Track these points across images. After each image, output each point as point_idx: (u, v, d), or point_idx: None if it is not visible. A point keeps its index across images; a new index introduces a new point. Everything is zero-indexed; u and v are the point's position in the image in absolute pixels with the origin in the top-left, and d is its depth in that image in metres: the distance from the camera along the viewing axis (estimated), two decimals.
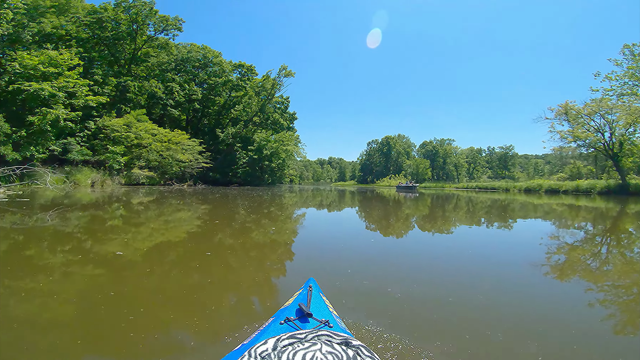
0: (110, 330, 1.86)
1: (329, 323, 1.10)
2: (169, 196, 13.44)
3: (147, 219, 6.79)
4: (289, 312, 1.21)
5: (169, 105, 30.50)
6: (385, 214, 9.74)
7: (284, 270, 3.29)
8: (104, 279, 2.82)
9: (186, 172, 26.56)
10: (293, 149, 35.23)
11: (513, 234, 6.38)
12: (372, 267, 3.54)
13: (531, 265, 3.56)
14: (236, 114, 35.53)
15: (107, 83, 23.05)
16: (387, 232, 6.21)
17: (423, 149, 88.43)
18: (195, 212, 8.28)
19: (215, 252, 3.89)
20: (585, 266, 3.69)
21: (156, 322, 1.99)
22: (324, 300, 1.39)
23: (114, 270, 3.07)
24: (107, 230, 5.25)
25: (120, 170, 19.97)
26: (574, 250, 4.55)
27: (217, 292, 2.62)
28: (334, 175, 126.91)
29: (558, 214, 10.38)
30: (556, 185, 24.96)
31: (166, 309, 2.20)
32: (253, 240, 4.72)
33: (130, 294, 2.48)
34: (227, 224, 6.39)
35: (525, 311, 2.32)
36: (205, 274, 3.01)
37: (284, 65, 33.13)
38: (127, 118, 21.91)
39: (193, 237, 4.94)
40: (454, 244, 5.25)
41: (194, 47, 36.14)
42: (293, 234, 5.72)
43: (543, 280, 3.08)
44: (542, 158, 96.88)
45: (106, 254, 3.62)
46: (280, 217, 8.09)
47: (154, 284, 2.72)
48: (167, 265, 3.33)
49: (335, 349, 0.80)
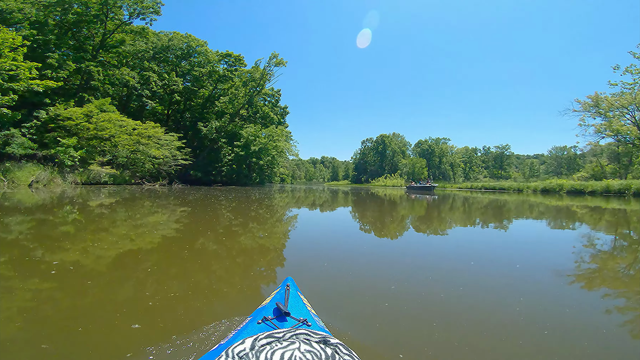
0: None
1: (307, 322, 1.08)
2: (130, 199, 10.48)
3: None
4: (267, 311, 1.19)
5: (144, 95, 27.27)
6: (430, 228, 7.00)
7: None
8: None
9: (162, 169, 23.44)
10: (284, 146, 32.07)
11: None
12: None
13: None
14: (221, 107, 32.34)
15: (64, 68, 19.76)
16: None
17: (418, 148, 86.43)
18: (154, 222, 5.43)
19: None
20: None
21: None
22: (301, 299, 1.38)
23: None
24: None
25: (75, 167, 16.77)
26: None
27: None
28: (326, 174, 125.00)
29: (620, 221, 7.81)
30: (580, 186, 22.39)
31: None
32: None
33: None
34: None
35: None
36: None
37: (275, 52, 30.04)
38: (87, 107, 18.71)
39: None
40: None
41: (177, 36, 32.78)
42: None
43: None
44: (537, 158, 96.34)
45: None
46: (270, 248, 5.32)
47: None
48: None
49: (313, 347, 0.79)
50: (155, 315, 1.88)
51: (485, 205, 12.72)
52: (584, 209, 11.11)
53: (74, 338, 1.61)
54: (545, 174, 74.56)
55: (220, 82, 33.46)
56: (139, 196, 11.68)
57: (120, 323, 1.76)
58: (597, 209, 10.95)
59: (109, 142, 19.03)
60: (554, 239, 5.35)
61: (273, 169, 33.34)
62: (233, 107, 32.36)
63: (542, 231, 6.13)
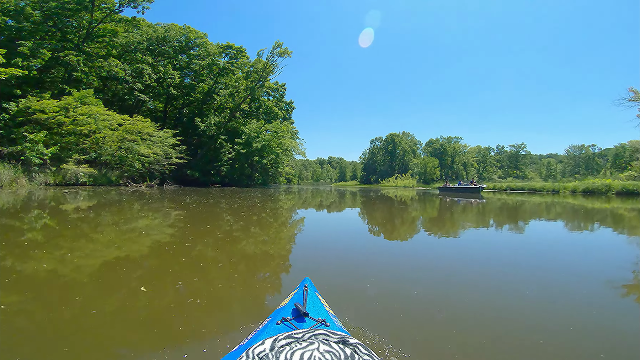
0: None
1: (326, 322, 1.07)
2: (103, 204, 8.01)
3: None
4: (285, 312, 1.19)
5: (137, 89, 25.03)
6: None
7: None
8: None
9: (153, 169, 21.09)
10: (290, 144, 29.36)
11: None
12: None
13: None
14: (221, 101, 29.93)
15: (38, 56, 17.54)
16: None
17: (429, 147, 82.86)
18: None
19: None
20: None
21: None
22: (319, 300, 1.36)
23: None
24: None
25: (45, 166, 14.48)
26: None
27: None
28: (334, 175, 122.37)
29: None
30: (633, 186, 19.24)
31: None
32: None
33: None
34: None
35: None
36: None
37: (279, 41, 27.37)
38: (65, 99, 16.46)
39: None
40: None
41: (174, 27, 30.51)
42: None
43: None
44: (552, 157, 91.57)
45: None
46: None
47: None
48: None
49: (332, 347, 0.79)
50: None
51: (573, 212, 9.87)
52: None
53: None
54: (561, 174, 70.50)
55: (220, 76, 31.08)
56: (105, 202, 9.17)
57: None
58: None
59: (90, 139, 16.73)
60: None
61: (278, 168, 30.67)
62: (234, 101, 29.89)
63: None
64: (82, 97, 17.51)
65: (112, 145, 17.39)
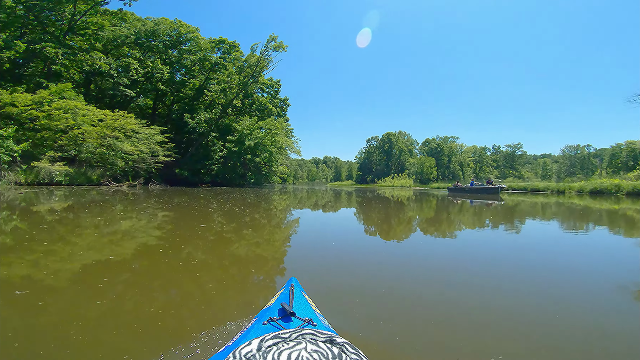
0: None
1: (313, 321, 1.06)
2: (75, 207, 6.98)
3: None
4: (272, 312, 1.17)
5: (122, 84, 23.80)
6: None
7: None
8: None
9: (138, 168, 19.96)
10: (284, 141, 28.34)
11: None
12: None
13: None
14: (213, 97, 28.80)
15: (11, 48, 16.33)
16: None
17: (426, 146, 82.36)
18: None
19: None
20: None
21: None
22: (306, 299, 1.35)
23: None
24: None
25: (15, 163, 13.33)
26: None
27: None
28: (329, 174, 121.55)
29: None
30: None
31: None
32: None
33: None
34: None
35: None
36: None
37: (273, 35, 26.33)
38: (40, 93, 15.29)
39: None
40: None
41: (165, 21, 29.28)
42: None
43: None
44: (547, 157, 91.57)
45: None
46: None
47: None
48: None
49: (320, 347, 0.79)
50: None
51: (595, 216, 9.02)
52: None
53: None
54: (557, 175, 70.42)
55: (212, 71, 29.95)
56: (76, 204, 8.11)
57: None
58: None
59: (67, 135, 15.58)
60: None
61: (272, 167, 29.63)
62: (226, 97, 28.78)
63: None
64: (60, 91, 16.35)
65: (93, 142, 16.25)
